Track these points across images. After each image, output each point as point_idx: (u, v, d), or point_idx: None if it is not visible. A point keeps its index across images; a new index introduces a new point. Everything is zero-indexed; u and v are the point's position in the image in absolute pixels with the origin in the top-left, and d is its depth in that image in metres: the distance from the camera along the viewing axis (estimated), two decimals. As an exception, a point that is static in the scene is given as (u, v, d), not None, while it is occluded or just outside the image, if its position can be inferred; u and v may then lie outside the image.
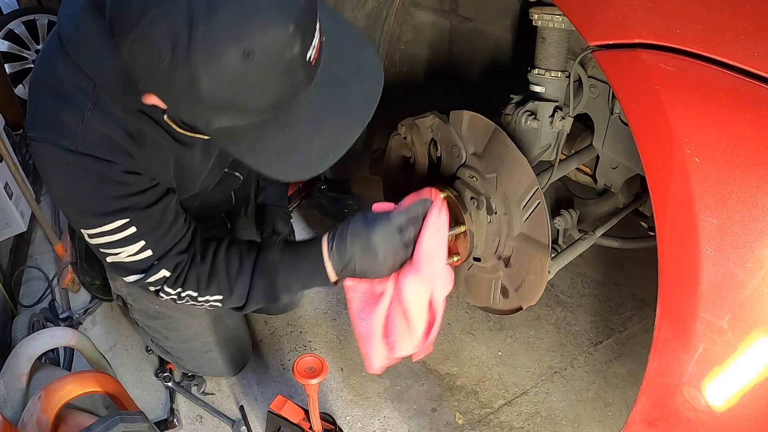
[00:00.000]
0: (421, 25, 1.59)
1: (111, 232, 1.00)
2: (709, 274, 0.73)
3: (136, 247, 1.03)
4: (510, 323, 1.79)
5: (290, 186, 2.27)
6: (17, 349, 1.28)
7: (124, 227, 1.00)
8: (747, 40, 0.69)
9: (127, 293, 1.44)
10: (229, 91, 0.73)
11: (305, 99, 0.82)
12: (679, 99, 0.73)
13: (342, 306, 1.87)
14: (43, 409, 1.08)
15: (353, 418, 1.53)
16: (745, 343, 0.72)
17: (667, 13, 0.75)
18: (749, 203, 0.68)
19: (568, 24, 1.12)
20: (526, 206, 1.16)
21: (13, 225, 1.97)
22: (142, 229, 1.02)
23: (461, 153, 1.27)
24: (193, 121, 0.80)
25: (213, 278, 1.11)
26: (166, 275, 1.08)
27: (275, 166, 0.87)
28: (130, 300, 1.45)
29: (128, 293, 1.43)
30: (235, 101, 0.75)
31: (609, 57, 0.82)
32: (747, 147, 0.68)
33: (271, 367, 1.68)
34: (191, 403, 1.57)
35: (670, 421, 0.84)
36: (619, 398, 1.57)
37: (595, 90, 1.24)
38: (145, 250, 1.04)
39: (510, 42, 1.57)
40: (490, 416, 1.54)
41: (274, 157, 0.86)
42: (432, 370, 1.66)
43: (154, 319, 1.46)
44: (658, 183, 0.77)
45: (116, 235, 1.01)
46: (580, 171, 1.48)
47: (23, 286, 1.95)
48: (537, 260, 1.17)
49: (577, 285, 1.93)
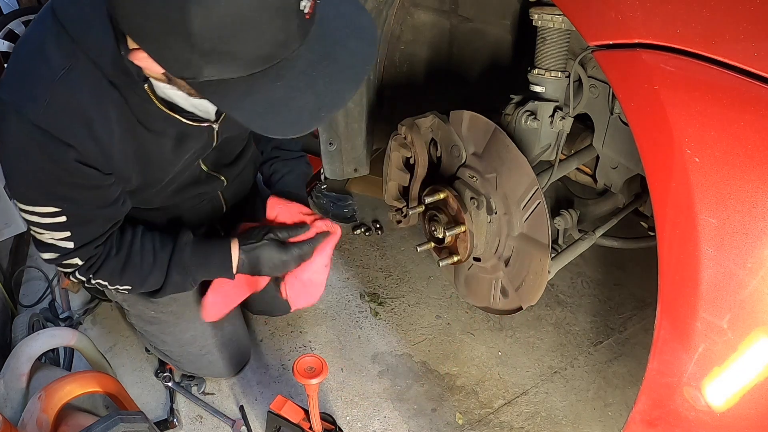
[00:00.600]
0: (421, 25, 1.59)
1: (42, 214, 1.00)
2: (709, 274, 0.72)
3: (60, 235, 1.04)
4: (510, 323, 1.79)
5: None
6: (17, 349, 1.28)
7: (55, 215, 1.00)
8: (747, 40, 0.69)
9: (122, 299, 1.43)
10: (220, 30, 0.71)
11: (298, 55, 0.80)
12: (679, 99, 0.73)
13: (342, 306, 1.87)
14: (43, 409, 1.08)
15: (353, 418, 1.53)
16: (745, 343, 0.72)
17: (667, 13, 0.75)
18: (749, 203, 0.68)
19: (568, 24, 1.12)
20: (526, 206, 1.16)
21: (13, 225, 1.97)
22: (71, 222, 1.02)
23: (461, 153, 1.27)
24: (181, 72, 0.77)
25: (125, 271, 1.15)
26: (78, 264, 1.09)
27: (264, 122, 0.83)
28: (126, 306, 1.45)
29: (123, 299, 1.43)
30: (225, 46, 0.72)
31: (609, 57, 0.82)
32: (747, 147, 0.68)
33: (271, 367, 1.68)
34: (191, 403, 1.57)
35: (670, 421, 0.84)
36: (619, 398, 1.57)
37: (595, 90, 1.24)
38: (67, 241, 1.05)
39: (510, 42, 1.57)
40: (490, 416, 1.54)
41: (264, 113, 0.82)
42: (432, 370, 1.66)
43: (151, 324, 1.45)
44: (658, 183, 0.76)
45: (45, 219, 1.01)
46: (580, 171, 1.48)
47: (23, 286, 1.95)
48: (537, 260, 1.17)
49: (577, 285, 1.93)
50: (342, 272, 2.00)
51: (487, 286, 1.33)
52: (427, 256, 2.04)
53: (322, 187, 2.33)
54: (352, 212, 2.24)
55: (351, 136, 1.65)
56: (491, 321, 1.80)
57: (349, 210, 2.24)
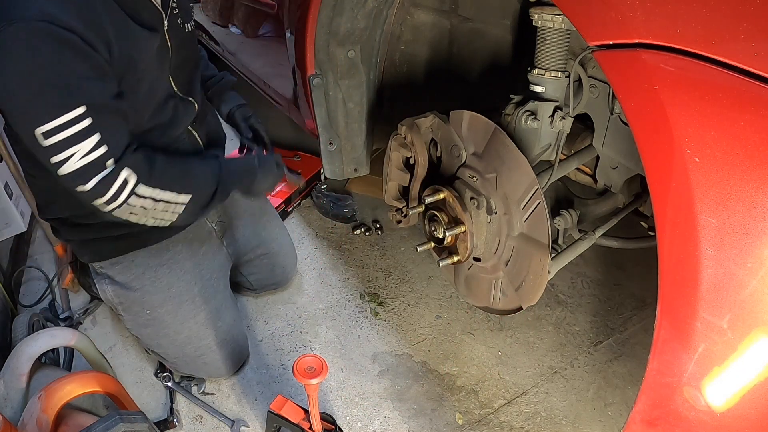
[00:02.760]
0: (421, 25, 1.59)
1: (67, 125, 0.99)
2: (709, 274, 0.72)
3: (91, 142, 1.02)
4: (510, 323, 1.79)
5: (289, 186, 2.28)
6: (17, 349, 1.28)
7: (79, 119, 1.00)
8: (747, 40, 0.69)
9: (118, 302, 1.44)
10: None
11: None
12: (679, 99, 0.73)
13: (342, 306, 1.87)
14: (43, 409, 1.08)
15: (353, 418, 1.53)
16: (745, 343, 0.72)
17: (667, 13, 0.75)
18: (749, 203, 0.68)
19: (568, 24, 1.12)
20: (526, 206, 1.16)
21: (13, 225, 1.97)
22: (96, 121, 1.02)
23: (461, 153, 1.27)
24: None
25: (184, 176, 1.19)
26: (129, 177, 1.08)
27: None
28: (121, 310, 1.45)
29: (119, 302, 1.43)
30: None
31: (609, 57, 0.81)
32: (747, 147, 0.68)
33: (271, 367, 1.68)
34: (191, 403, 1.57)
35: (670, 421, 0.84)
36: (619, 398, 1.57)
37: (595, 90, 1.24)
38: (100, 146, 1.03)
39: (510, 42, 1.57)
40: (490, 416, 1.54)
41: None
42: (432, 370, 1.66)
43: (146, 327, 1.46)
44: (658, 183, 0.76)
45: (72, 129, 1.00)
46: (580, 171, 1.48)
47: (23, 286, 1.95)
48: (537, 260, 1.17)
49: (577, 285, 1.93)
50: (342, 272, 2.00)
51: (487, 286, 1.33)
52: (427, 256, 2.04)
53: (322, 187, 2.33)
54: (352, 212, 2.25)
55: (351, 136, 1.65)
56: (491, 321, 1.80)
57: (349, 210, 2.25)
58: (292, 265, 1.88)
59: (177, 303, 1.43)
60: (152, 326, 1.45)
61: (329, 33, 1.43)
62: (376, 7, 1.42)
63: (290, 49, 1.59)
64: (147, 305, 1.42)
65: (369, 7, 1.40)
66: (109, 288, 1.43)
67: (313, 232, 2.22)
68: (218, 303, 1.52)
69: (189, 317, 1.44)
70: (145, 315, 1.43)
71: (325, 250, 2.11)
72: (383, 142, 1.63)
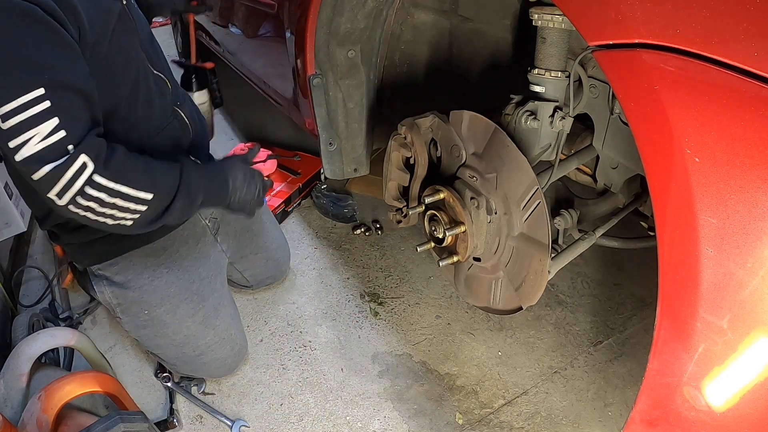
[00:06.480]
0: (421, 25, 1.59)
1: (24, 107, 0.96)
2: (709, 274, 0.72)
3: (49, 126, 0.98)
4: (510, 323, 1.79)
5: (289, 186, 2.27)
6: (17, 349, 1.28)
7: (37, 100, 0.96)
8: (747, 40, 0.69)
9: (116, 303, 1.43)
10: None
11: None
12: (679, 99, 0.73)
13: (342, 306, 1.87)
14: (43, 409, 1.08)
15: (353, 418, 1.53)
16: (745, 343, 0.72)
17: (667, 13, 0.75)
18: (749, 203, 0.68)
19: (568, 24, 1.12)
20: (526, 206, 1.16)
21: (13, 225, 1.97)
22: (56, 104, 0.98)
23: (461, 153, 1.27)
24: None
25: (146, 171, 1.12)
26: (88, 162, 1.02)
27: None
28: (119, 311, 1.45)
29: (117, 303, 1.43)
30: None
31: (609, 57, 0.81)
32: (747, 147, 0.68)
33: (271, 367, 1.68)
34: (191, 404, 1.57)
35: (670, 421, 0.84)
36: (619, 398, 1.57)
37: (595, 90, 1.24)
38: (58, 131, 0.99)
39: (510, 42, 1.57)
40: (490, 416, 1.54)
41: None
42: (432, 370, 1.66)
43: (144, 327, 1.45)
44: (658, 183, 0.76)
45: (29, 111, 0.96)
46: (580, 171, 1.48)
47: (23, 286, 1.95)
48: (537, 260, 1.17)
49: (577, 285, 1.93)
50: (342, 272, 2.01)
51: (487, 286, 1.33)
52: (427, 256, 2.04)
53: (322, 187, 2.34)
54: (352, 212, 2.25)
55: (351, 136, 1.65)
56: (491, 321, 1.80)
57: (349, 210, 2.25)
58: (285, 259, 1.89)
59: (175, 302, 1.43)
60: (151, 326, 1.44)
61: (329, 33, 1.43)
62: (376, 7, 1.42)
63: (290, 49, 1.59)
64: (145, 305, 1.42)
65: (369, 7, 1.40)
66: (107, 289, 1.43)
67: (313, 232, 2.22)
68: (215, 301, 1.52)
69: (187, 316, 1.44)
70: (144, 315, 1.43)
71: (325, 250, 2.12)
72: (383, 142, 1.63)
